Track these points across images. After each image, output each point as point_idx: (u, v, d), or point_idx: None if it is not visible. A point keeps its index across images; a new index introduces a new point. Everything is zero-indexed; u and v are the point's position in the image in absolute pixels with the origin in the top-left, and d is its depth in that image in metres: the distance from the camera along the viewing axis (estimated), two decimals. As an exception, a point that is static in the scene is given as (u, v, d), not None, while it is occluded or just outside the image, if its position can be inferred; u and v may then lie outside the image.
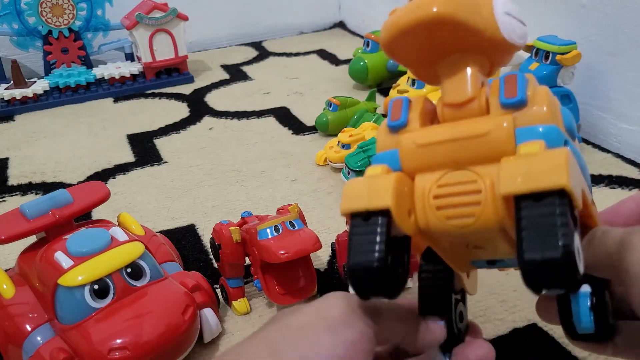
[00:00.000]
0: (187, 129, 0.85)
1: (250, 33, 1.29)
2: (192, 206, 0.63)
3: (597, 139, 0.73)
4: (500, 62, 0.25)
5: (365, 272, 0.22)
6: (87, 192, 0.45)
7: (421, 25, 0.23)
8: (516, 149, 0.22)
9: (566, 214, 0.19)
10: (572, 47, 0.67)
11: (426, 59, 0.26)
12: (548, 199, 0.20)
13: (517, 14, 0.24)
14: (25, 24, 0.99)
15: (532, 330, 0.43)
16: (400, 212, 0.22)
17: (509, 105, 0.23)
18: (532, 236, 0.19)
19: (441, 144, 0.23)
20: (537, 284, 0.19)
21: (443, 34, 0.23)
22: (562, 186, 0.19)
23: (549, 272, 0.19)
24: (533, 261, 0.19)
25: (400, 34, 0.24)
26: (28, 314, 0.39)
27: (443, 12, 0.22)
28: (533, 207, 0.20)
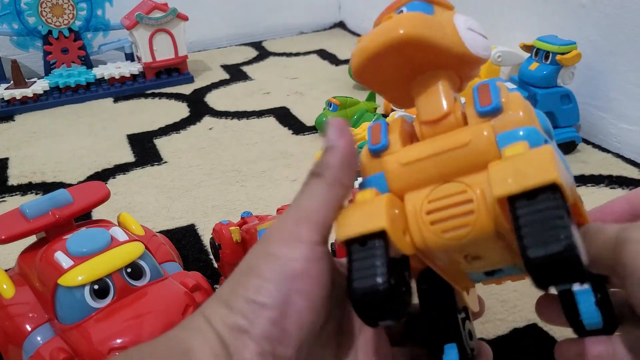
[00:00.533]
0: (187, 129, 0.85)
1: (250, 33, 1.29)
2: (192, 206, 0.63)
3: (597, 139, 0.73)
4: (468, 76, 0.26)
5: (370, 297, 0.21)
6: (87, 192, 0.45)
7: (390, 48, 0.24)
8: (500, 153, 0.22)
9: (561, 207, 0.19)
10: (572, 47, 0.67)
11: (397, 82, 0.26)
12: (541, 195, 0.20)
13: (478, 29, 0.25)
14: (25, 24, 0.99)
15: (532, 330, 0.43)
16: (396, 232, 0.22)
17: (486, 113, 0.23)
18: (533, 233, 0.19)
19: (425, 160, 0.24)
20: (545, 279, 0.19)
21: (412, 55, 0.24)
22: (553, 180, 0.20)
23: (554, 266, 0.19)
24: (537, 258, 0.19)
25: (370, 59, 0.24)
26: (28, 314, 0.39)
27: (410, 33, 0.23)
28: (528, 205, 0.20)
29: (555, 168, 0.20)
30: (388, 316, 0.22)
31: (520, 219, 0.20)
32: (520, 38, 0.75)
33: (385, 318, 0.22)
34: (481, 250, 0.23)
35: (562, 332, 0.42)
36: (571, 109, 0.70)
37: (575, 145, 0.71)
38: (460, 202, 0.22)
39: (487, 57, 0.25)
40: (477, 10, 0.90)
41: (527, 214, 0.20)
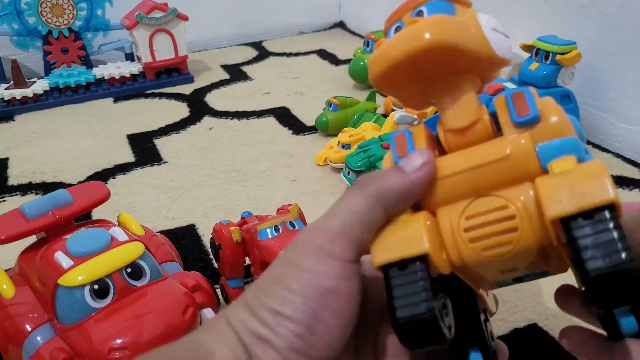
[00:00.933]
0: (187, 129, 0.85)
1: (250, 33, 1.29)
2: (192, 206, 0.63)
3: (597, 139, 0.73)
4: (490, 78, 0.25)
5: (417, 324, 0.21)
6: (87, 192, 0.45)
7: (415, 55, 0.22)
8: (545, 167, 0.21)
9: (620, 226, 0.19)
10: (572, 47, 0.67)
11: (418, 87, 0.25)
12: (598, 214, 0.19)
13: (501, 28, 0.24)
14: (25, 24, 0.99)
15: (533, 330, 0.43)
16: (437, 254, 0.21)
17: (524, 124, 0.22)
18: (594, 254, 0.19)
19: (461, 174, 0.22)
20: (609, 300, 0.19)
21: (437, 61, 0.23)
22: (612, 200, 0.19)
23: (618, 286, 0.18)
24: (601, 277, 0.18)
25: (393, 67, 0.23)
26: (28, 314, 0.39)
27: (436, 40, 0.22)
28: (586, 227, 0.19)
29: (611, 186, 0.19)
30: (434, 342, 0.21)
31: (579, 241, 0.19)
32: (521, 38, 0.75)
33: (431, 344, 0.21)
34: (520, 264, 0.22)
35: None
36: (571, 109, 0.70)
37: (576, 145, 0.71)
38: (501, 219, 0.21)
39: (511, 58, 0.24)
40: (477, 10, 0.90)
41: (586, 236, 0.19)
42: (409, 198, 0.22)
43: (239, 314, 0.22)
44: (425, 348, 0.21)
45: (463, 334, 0.25)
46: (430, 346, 0.21)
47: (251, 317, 0.21)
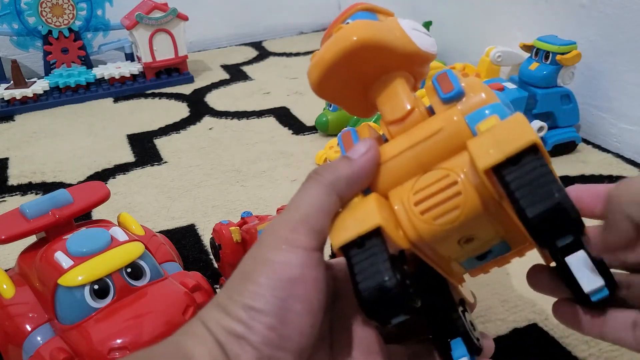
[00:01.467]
0: (187, 129, 0.85)
1: (250, 33, 1.29)
2: (192, 206, 0.63)
3: (597, 139, 0.73)
4: (420, 75, 0.27)
5: (380, 295, 0.21)
6: (87, 192, 0.45)
7: (347, 54, 0.25)
8: (474, 131, 0.23)
9: (546, 164, 0.20)
10: (572, 47, 0.67)
11: (356, 91, 0.27)
12: (525, 158, 0.20)
13: (422, 29, 0.27)
14: (25, 24, 0.99)
15: (533, 330, 0.43)
16: (390, 227, 0.22)
17: (450, 99, 0.24)
18: (526, 194, 0.20)
19: (402, 154, 0.24)
20: (547, 235, 0.20)
21: (367, 59, 0.25)
22: (533, 141, 0.20)
23: (554, 220, 0.19)
24: (537, 215, 0.19)
25: (328, 70, 0.26)
26: (28, 314, 0.39)
27: (363, 37, 0.24)
28: (515, 170, 0.20)
29: (531, 130, 0.21)
30: (399, 312, 0.22)
31: (511, 185, 0.20)
32: (520, 38, 0.75)
33: (397, 314, 0.22)
34: (473, 230, 0.23)
35: (562, 332, 0.42)
36: (571, 109, 0.70)
37: (575, 145, 0.71)
38: (445, 187, 0.23)
39: (435, 53, 0.27)
40: (477, 10, 0.90)
41: (517, 178, 0.20)
42: (358, 182, 0.24)
43: (213, 314, 0.22)
44: (392, 320, 0.22)
45: (442, 325, 0.26)
46: (396, 317, 0.22)
47: (225, 316, 0.22)
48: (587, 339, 0.42)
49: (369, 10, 0.28)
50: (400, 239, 0.23)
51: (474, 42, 0.90)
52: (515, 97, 0.67)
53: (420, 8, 1.04)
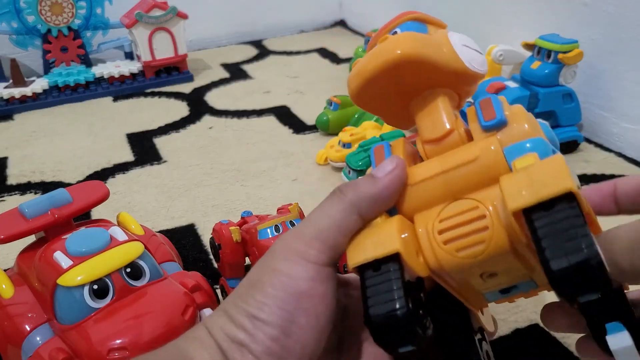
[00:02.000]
0: (187, 128, 0.84)
1: (251, 31, 1.29)
2: (192, 206, 0.63)
3: (599, 138, 0.73)
4: (466, 93, 0.25)
5: (389, 323, 0.21)
6: (86, 192, 0.44)
7: (389, 69, 0.24)
8: (510, 167, 0.22)
9: (580, 215, 0.19)
10: (574, 46, 0.67)
11: (396, 103, 0.26)
12: (558, 205, 0.19)
13: (473, 45, 0.26)
14: (25, 22, 0.98)
15: (534, 330, 0.43)
16: (409, 254, 0.22)
17: (491, 127, 0.23)
18: (553, 245, 0.19)
19: (433, 179, 0.23)
20: (570, 291, 0.19)
21: (410, 74, 0.24)
22: (569, 189, 0.19)
23: (579, 276, 0.18)
24: (561, 269, 0.18)
25: (369, 82, 0.24)
26: (27, 314, 0.39)
27: (407, 53, 0.23)
28: (546, 217, 0.19)
29: (569, 176, 0.19)
30: (408, 342, 0.21)
31: (539, 231, 0.19)
32: (522, 36, 0.75)
33: (405, 344, 0.21)
34: (497, 267, 0.22)
35: (563, 332, 0.42)
36: (573, 108, 0.70)
37: (577, 145, 0.70)
38: (473, 219, 0.21)
39: (484, 73, 0.25)
40: (479, 8, 0.89)
41: (546, 225, 0.19)
42: (382, 202, 0.23)
43: (217, 320, 0.22)
44: (400, 348, 0.21)
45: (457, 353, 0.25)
46: (405, 346, 0.21)
47: (229, 322, 0.22)
48: (590, 339, 0.41)
49: (419, 20, 0.27)
50: (419, 267, 0.22)
51: (475, 41, 0.90)
52: (517, 96, 0.67)
53: (422, 7, 1.04)
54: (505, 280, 0.23)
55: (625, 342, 0.21)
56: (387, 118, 0.28)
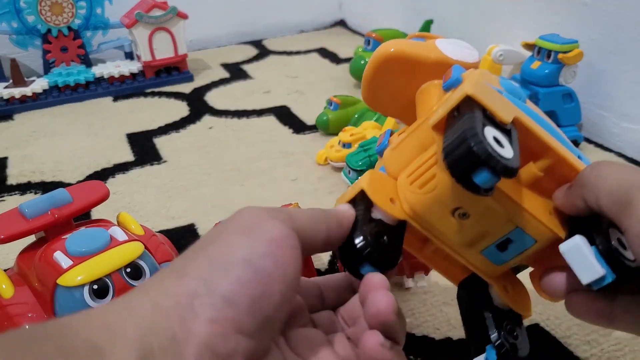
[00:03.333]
0: (187, 128, 0.84)
1: (251, 31, 1.29)
2: (192, 206, 0.63)
3: (599, 138, 0.73)
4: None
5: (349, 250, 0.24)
6: (86, 192, 0.44)
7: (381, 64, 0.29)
8: None
9: (474, 115, 0.21)
10: (574, 46, 0.67)
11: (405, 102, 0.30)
12: (461, 110, 0.22)
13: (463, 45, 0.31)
14: (25, 22, 0.98)
15: (534, 330, 0.43)
16: (375, 193, 0.25)
17: (448, 87, 0.26)
18: (449, 138, 0.21)
19: (406, 139, 0.27)
20: (461, 173, 0.21)
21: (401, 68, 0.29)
22: (465, 93, 0.22)
23: (464, 159, 0.20)
24: (449, 153, 0.21)
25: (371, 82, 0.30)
26: (27, 313, 0.39)
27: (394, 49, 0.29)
28: (451, 122, 0.22)
29: (470, 84, 0.22)
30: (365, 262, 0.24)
31: (445, 134, 0.22)
32: (522, 36, 0.75)
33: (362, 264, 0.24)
34: (461, 202, 0.24)
35: (564, 332, 0.42)
36: (573, 107, 0.70)
37: (577, 144, 0.70)
38: (428, 158, 0.25)
39: (473, 62, 0.30)
40: (479, 8, 0.89)
41: (449, 127, 0.22)
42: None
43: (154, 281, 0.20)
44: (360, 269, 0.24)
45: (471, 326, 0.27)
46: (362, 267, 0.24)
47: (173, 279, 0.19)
48: (589, 339, 0.41)
49: (420, 37, 0.33)
50: (391, 209, 0.25)
51: (475, 41, 0.90)
52: (517, 96, 0.67)
53: (422, 7, 1.04)
54: (484, 225, 0.25)
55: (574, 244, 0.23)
56: (403, 119, 0.32)
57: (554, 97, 0.68)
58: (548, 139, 0.24)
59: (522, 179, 0.25)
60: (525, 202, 0.24)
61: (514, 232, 0.25)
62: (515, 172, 0.20)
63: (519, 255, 0.26)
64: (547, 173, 0.25)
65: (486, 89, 0.23)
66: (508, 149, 0.21)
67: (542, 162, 0.24)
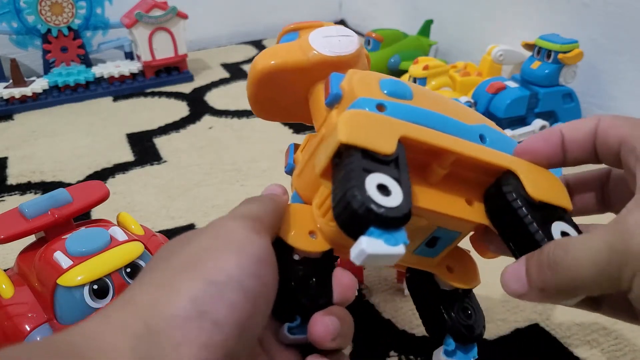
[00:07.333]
0: (187, 128, 0.84)
1: (251, 31, 1.29)
2: (192, 206, 0.63)
3: (598, 138, 0.73)
4: None
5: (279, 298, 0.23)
6: (86, 192, 0.44)
7: (258, 80, 0.27)
8: None
9: (352, 163, 0.20)
10: (574, 46, 0.67)
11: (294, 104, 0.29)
12: (340, 158, 0.21)
13: (340, 32, 0.28)
14: (25, 22, 0.98)
15: (534, 330, 0.43)
16: (291, 236, 0.23)
17: (330, 103, 0.25)
18: (334, 195, 0.20)
19: (306, 165, 0.26)
20: (353, 234, 0.20)
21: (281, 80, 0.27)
22: (338, 142, 0.21)
23: (347, 215, 0.19)
24: (337, 216, 0.20)
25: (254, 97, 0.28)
26: (27, 314, 0.39)
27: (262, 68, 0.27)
28: (334, 173, 0.21)
29: (343, 128, 0.21)
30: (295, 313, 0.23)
31: (332, 186, 0.21)
32: (522, 36, 0.75)
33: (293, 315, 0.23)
34: None
35: (564, 332, 0.42)
36: (573, 107, 0.70)
37: (577, 145, 0.70)
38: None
39: (349, 52, 0.27)
40: (478, 8, 0.89)
41: (333, 181, 0.21)
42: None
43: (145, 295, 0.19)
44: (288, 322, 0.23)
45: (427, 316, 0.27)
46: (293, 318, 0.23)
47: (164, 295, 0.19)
48: (589, 339, 0.41)
49: (292, 30, 0.30)
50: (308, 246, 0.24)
51: (475, 41, 0.90)
52: (517, 96, 0.67)
53: (422, 7, 1.04)
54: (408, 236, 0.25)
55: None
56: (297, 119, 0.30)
57: (554, 97, 0.68)
58: (442, 142, 0.23)
59: (430, 181, 0.24)
60: (440, 205, 0.23)
61: (437, 231, 0.25)
62: (408, 217, 0.19)
63: (450, 245, 0.27)
64: (453, 164, 0.23)
65: (363, 119, 0.21)
66: (395, 194, 0.20)
67: (443, 160, 0.23)
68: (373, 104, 0.23)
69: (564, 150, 0.24)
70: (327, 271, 0.24)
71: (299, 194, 0.26)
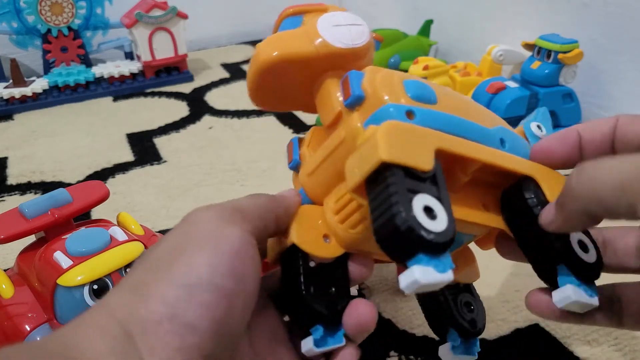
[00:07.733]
0: (187, 128, 0.84)
1: (251, 31, 1.29)
2: (192, 206, 0.62)
3: (598, 138, 0.73)
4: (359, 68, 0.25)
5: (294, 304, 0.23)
6: (86, 192, 0.44)
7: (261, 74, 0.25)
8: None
9: (396, 183, 0.19)
10: (574, 46, 0.67)
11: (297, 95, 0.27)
12: (380, 176, 0.20)
13: (350, 21, 0.26)
14: (25, 22, 0.98)
15: (534, 330, 0.43)
16: (306, 242, 0.23)
17: (351, 105, 0.23)
18: (376, 213, 0.19)
19: (321, 165, 0.25)
20: (397, 259, 0.19)
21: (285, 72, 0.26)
22: (379, 160, 0.19)
23: (394, 239, 0.19)
24: (381, 239, 0.19)
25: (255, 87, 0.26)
26: (27, 314, 0.39)
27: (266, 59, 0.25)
28: (372, 189, 0.20)
29: (384, 146, 0.20)
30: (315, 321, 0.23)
31: (370, 204, 0.20)
32: (522, 36, 0.75)
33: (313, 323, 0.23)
34: None
35: (564, 332, 0.42)
36: (573, 107, 0.70)
37: (577, 145, 0.70)
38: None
39: (361, 44, 0.26)
40: (478, 8, 0.89)
41: (373, 198, 0.20)
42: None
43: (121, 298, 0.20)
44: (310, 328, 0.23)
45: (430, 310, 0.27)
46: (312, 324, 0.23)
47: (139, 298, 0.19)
48: (589, 339, 0.41)
49: (295, 14, 0.28)
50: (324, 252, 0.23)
51: (475, 41, 0.90)
52: (517, 96, 0.67)
53: (422, 7, 1.04)
54: None
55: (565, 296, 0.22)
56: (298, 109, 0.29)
57: (554, 97, 0.68)
58: (473, 152, 0.22)
59: (453, 188, 0.23)
60: (462, 212, 0.23)
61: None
62: (453, 241, 0.19)
63: (461, 247, 0.27)
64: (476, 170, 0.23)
65: (401, 134, 0.20)
66: (441, 217, 0.19)
67: (468, 167, 0.23)
68: (402, 111, 0.22)
69: (580, 150, 0.24)
70: (343, 273, 0.24)
71: (308, 193, 0.25)
